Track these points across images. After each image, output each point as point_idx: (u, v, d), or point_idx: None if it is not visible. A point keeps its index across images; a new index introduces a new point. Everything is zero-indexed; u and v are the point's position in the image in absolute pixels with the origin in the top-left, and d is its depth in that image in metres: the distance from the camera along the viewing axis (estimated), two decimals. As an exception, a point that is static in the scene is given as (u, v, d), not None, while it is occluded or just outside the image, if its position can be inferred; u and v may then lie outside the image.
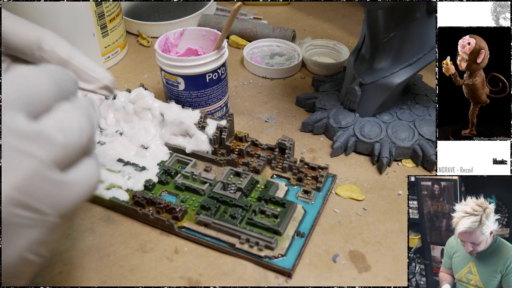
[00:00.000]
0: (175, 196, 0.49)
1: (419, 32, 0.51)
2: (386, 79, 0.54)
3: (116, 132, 0.55)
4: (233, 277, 0.42)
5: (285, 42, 0.76)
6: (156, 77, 0.71)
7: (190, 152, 0.53)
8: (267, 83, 0.70)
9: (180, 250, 0.44)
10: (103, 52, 0.71)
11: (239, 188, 0.48)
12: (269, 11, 0.90)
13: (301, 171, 0.50)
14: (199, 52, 0.60)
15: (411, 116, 0.57)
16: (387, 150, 0.53)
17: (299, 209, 0.47)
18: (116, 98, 0.56)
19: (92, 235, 0.46)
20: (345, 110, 0.58)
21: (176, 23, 0.80)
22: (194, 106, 0.57)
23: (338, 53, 0.74)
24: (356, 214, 0.48)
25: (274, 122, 0.61)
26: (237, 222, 0.45)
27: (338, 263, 0.43)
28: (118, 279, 0.42)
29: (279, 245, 0.43)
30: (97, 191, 0.48)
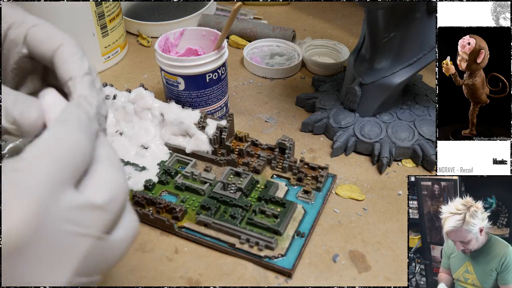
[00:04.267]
0: (175, 196, 0.49)
1: (419, 32, 0.51)
2: (386, 79, 0.54)
3: (116, 132, 0.55)
4: (233, 277, 0.42)
5: (285, 42, 0.76)
6: (156, 77, 0.71)
7: (190, 152, 0.53)
8: (267, 83, 0.70)
9: (180, 250, 0.44)
10: (103, 52, 0.71)
11: (239, 188, 0.48)
12: (269, 11, 0.90)
13: (301, 171, 0.50)
14: (199, 52, 0.60)
15: (411, 116, 0.57)
16: (387, 150, 0.53)
17: (299, 209, 0.47)
18: (116, 98, 0.56)
19: (92, 235, 0.46)
20: (345, 110, 0.58)
21: (176, 23, 0.80)
22: (194, 106, 0.57)
23: (338, 53, 0.74)
24: (356, 214, 0.48)
25: (274, 122, 0.61)
26: (237, 222, 0.45)
27: (338, 263, 0.43)
28: (118, 279, 0.42)
29: (279, 245, 0.43)
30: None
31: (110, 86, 0.58)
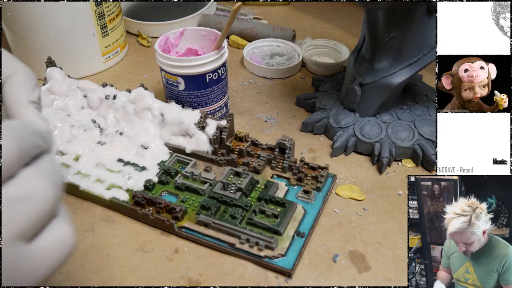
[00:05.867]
0: (175, 196, 0.49)
1: (419, 32, 0.51)
2: (386, 79, 0.54)
3: (116, 132, 0.55)
4: (233, 277, 0.42)
5: (285, 42, 0.76)
6: (156, 77, 0.71)
7: (190, 152, 0.53)
8: (267, 83, 0.70)
9: (180, 250, 0.44)
10: (103, 52, 0.71)
11: (239, 188, 0.48)
12: (269, 11, 0.90)
13: (301, 171, 0.50)
14: (199, 52, 0.60)
15: (411, 116, 0.57)
16: (387, 150, 0.53)
17: (299, 209, 0.47)
18: (116, 98, 0.56)
19: (92, 235, 0.46)
20: (345, 110, 0.58)
21: (176, 23, 0.80)
22: (194, 106, 0.57)
23: (338, 53, 0.74)
24: (356, 214, 0.48)
25: (274, 122, 0.61)
26: (237, 222, 0.45)
27: (338, 263, 0.43)
28: (118, 279, 0.42)
29: (279, 245, 0.43)
30: (97, 191, 0.48)
31: (110, 86, 0.58)
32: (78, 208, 0.49)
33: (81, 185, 0.49)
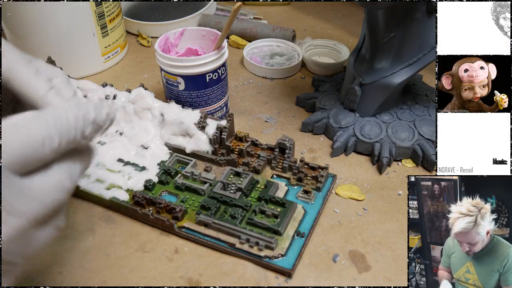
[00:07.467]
0: (175, 196, 0.49)
1: (419, 32, 0.51)
2: (386, 79, 0.54)
3: (116, 132, 0.55)
4: (233, 277, 0.42)
5: (285, 42, 0.76)
6: (156, 77, 0.71)
7: (190, 152, 0.53)
8: (267, 83, 0.70)
9: (180, 250, 0.44)
10: (103, 52, 0.71)
11: (239, 188, 0.48)
12: (269, 11, 0.90)
13: (301, 171, 0.50)
14: (199, 52, 0.60)
15: (411, 116, 0.57)
16: (387, 150, 0.53)
17: (299, 209, 0.47)
18: (116, 98, 0.56)
19: (92, 235, 0.46)
20: (345, 110, 0.58)
21: (176, 23, 0.80)
22: (194, 106, 0.57)
23: (338, 53, 0.74)
24: (356, 214, 0.48)
25: (274, 122, 0.61)
26: (237, 222, 0.45)
27: (338, 263, 0.43)
28: (118, 279, 0.42)
29: (279, 245, 0.43)
30: (97, 191, 0.48)
31: (110, 86, 0.58)
32: (78, 208, 0.49)
33: (81, 185, 0.49)
